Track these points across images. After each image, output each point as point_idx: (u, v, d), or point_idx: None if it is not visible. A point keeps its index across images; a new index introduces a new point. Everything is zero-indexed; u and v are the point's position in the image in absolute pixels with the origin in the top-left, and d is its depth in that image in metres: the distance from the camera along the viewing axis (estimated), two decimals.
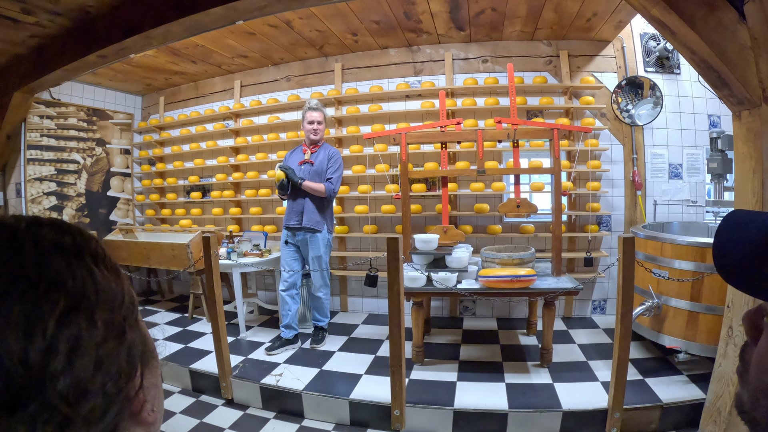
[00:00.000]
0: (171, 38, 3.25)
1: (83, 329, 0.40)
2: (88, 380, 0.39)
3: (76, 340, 0.39)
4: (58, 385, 0.36)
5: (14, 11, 3.23)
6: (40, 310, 0.37)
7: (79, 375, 0.38)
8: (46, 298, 0.38)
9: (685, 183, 4.29)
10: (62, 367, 0.37)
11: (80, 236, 0.46)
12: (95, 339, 0.41)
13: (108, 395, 0.41)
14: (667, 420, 2.75)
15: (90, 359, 0.39)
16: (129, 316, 0.47)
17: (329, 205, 3.86)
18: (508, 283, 3.10)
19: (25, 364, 0.35)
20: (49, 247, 0.42)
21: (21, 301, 0.37)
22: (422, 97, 4.67)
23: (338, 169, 3.79)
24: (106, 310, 0.43)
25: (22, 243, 0.41)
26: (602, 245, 4.47)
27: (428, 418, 2.84)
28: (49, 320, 0.37)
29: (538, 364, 3.38)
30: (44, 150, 4.99)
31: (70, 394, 0.37)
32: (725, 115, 4.19)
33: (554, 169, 3.47)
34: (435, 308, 4.65)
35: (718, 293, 2.88)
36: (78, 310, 0.40)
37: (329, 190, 3.74)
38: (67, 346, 0.38)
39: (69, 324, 0.39)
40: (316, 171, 3.76)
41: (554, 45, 4.41)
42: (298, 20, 3.95)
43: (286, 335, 3.88)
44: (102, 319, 0.42)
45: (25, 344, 0.36)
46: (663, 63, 4.27)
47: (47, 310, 0.38)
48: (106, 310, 0.43)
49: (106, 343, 0.42)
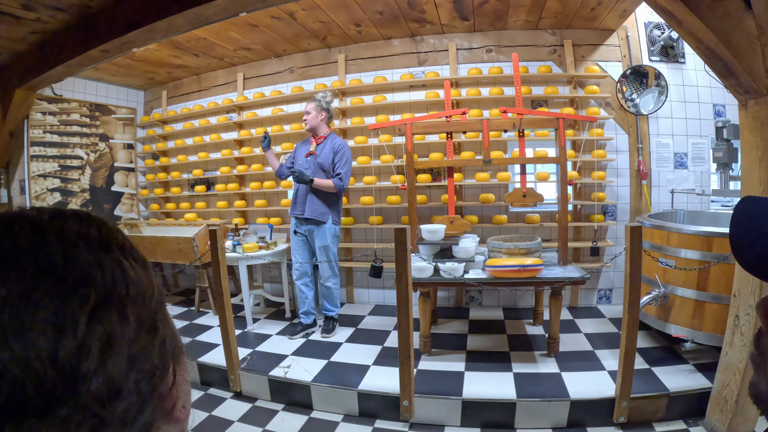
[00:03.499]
0: (174, 31, 3.24)
1: (115, 325, 0.37)
2: (122, 379, 0.37)
3: (108, 338, 0.36)
4: (91, 385, 0.34)
5: (15, 7, 3.21)
6: (69, 307, 0.35)
7: (112, 374, 0.36)
8: (75, 294, 0.36)
9: (690, 172, 4.28)
10: (95, 367, 0.35)
11: (105, 228, 0.44)
12: (128, 335, 0.38)
13: (142, 394, 0.39)
14: (673, 409, 2.76)
15: (123, 357, 0.37)
16: (159, 310, 0.45)
17: (336, 197, 3.86)
18: (515, 273, 3.11)
19: (56, 365, 0.33)
20: (75, 240, 0.39)
21: (49, 298, 0.34)
22: (426, 87, 4.65)
23: (346, 163, 3.78)
24: (137, 304, 0.41)
25: (46, 236, 0.38)
26: (608, 235, 4.47)
27: (437, 408, 2.86)
28: (80, 317, 0.35)
29: (545, 353, 3.40)
30: (47, 146, 4.99)
31: (103, 394, 0.35)
32: (730, 105, 4.17)
33: (560, 158, 3.46)
34: (441, 299, 4.66)
35: (725, 282, 2.88)
36: (109, 305, 0.38)
37: (339, 187, 3.75)
38: (99, 344, 0.36)
39: (100, 320, 0.36)
40: (320, 163, 3.76)
41: (558, 34, 4.39)
42: (302, 11, 3.93)
43: (306, 320, 4.03)
44: (134, 314, 0.40)
45: (56, 343, 0.33)
46: (668, 52, 4.25)
47: (77, 306, 0.35)
48: (138, 305, 0.41)
49: (138, 340, 0.40)
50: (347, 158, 3.80)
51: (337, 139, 3.87)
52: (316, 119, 3.81)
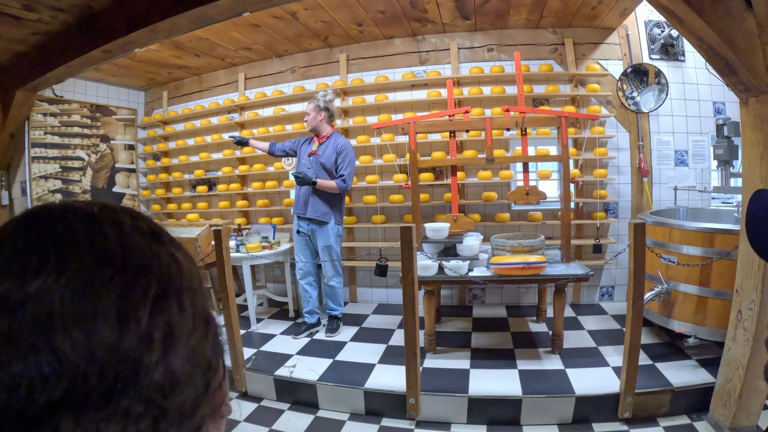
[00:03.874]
0: (177, 31, 3.23)
1: (175, 316, 0.37)
2: (182, 371, 0.37)
3: (169, 328, 0.36)
4: (154, 376, 0.34)
5: (16, 8, 3.20)
6: (131, 297, 0.35)
7: (173, 365, 0.36)
8: (136, 283, 0.35)
9: (691, 170, 4.31)
10: (158, 357, 0.35)
11: (152, 221, 0.43)
12: (186, 326, 0.38)
13: (198, 387, 0.39)
14: (677, 404, 2.79)
15: (183, 348, 0.37)
16: (208, 302, 0.45)
17: (339, 198, 3.87)
18: (520, 270, 3.13)
19: (119, 355, 0.32)
20: (130, 230, 0.39)
21: (111, 287, 0.34)
22: (428, 86, 4.67)
23: (350, 164, 3.78)
24: (191, 295, 0.40)
25: (102, 226, 0.37)
26: (609, 232, 4.50)
27: (443, 406, 2.88)
28: (142, 307, 0.35)
29: (549, 350, 3.42)
30: (48, 147, 4.98)
31: (165, 385, 0.35)
32: (730, 102, 4.20)
33: (563, 156, 3.48)
34: (444, 297, 4.68)
35: (727, 278, 2.89)
36: (168, 295, 0.37)
37: (342, 189, 3.75)
38: (161, 334, 0.35)
39: (161, 310, 0.36)
40: (323, 163, 3.77)
41: (559, 33, 4.41)
42: (304, 11, 3.94)
43: (310, 320, 4.04)
44: (190, 305, 0.40)
45: (119, 333, 0.33)
46: (668, 50, 4.28)
47: (139, 295, 0.35)
48: (192, 296, 0.41)
49: (195, 331, 0.40)
50: (350, 159, 3.80)
51: (341, 138, 3.87)
52: (316, 120, 3.81)
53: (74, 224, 0.36)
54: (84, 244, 0.35)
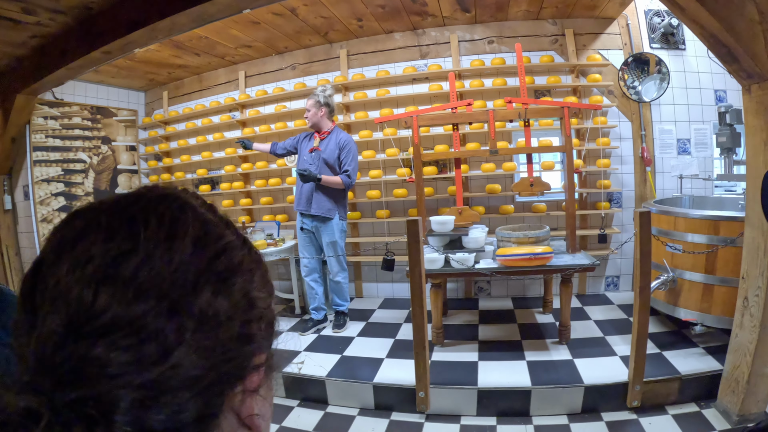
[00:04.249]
0: (177, 30, 3.21)
1: (241, 266, 0.44)
2: (231, 311, 0.41)
3: (232, 269, 0.43)
4: (204, 294, 0.38)
5: (15, 11, 3.19)
6: (217, 232, 0.43)
7: (226, 299, 0.40)
8: (225, 229, 0.45)
9: (694, 158, 4.31)
10: (215, 283, 0.40)
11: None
12: (249, 284, 0.44)
13: (240, 336, 0.41)
14: (685, 391, 2.80)
15: (240, 294, 0.42)
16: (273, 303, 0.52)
17: (343, 193, 3.87)
18: (526, 261, 3.13)
19: (187, 263, 0.38)
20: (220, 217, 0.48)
21: (205, 219, 0.43)
22: (429, 80, 4.66)
23: (353, 160, 3.79)
24: (262, 276, 0.48)
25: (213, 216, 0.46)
26: (614, 222, 4.50)
27: (452, 399, 2.89)
28: (220, 241, 0.43)
29: (556, 341, 3.43)
30: (50, 151, 4.98)
31: (210, 308, 0.39)
32: (731, 90, 4.19)
33: (566, 147, 3.48)
34: (450, 290, 4.69)
35: (732, 265, 2.90)
36: (242, 252, 0.45)
37: (347, 184, 3.77)
38: (224, 268, 0.42)
39: (231, 254, 0.44)
40: (326, 159, 3.77)
41: (560, 24, 4.40)
42: (303, 7, 3.92)
43: (317, 316, 4.05)
44: (259, 279, 0.47)
45: (196, 245, 0.40)
46: (668, 39, 4.26)
47: (221, 234, 0.44)
48: (262, 277, 0.48)
49: (256, 295, 0.45)
50: (354, 154, 3.80)
51: (342, 133, 3.87)
52: (316, 116, 3.81)
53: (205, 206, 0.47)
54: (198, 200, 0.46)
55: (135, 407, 0.32)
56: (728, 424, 2.54)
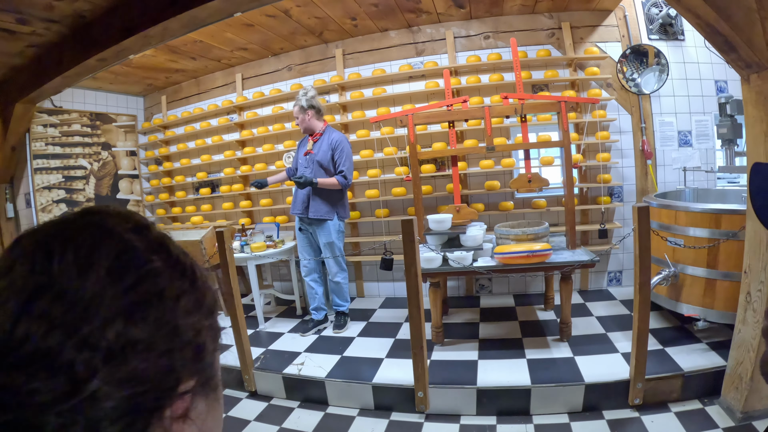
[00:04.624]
0: (169, 35, 3.22)
1: (167, 294, 0.43)
2: (149, 339, 0.40)
3: (153, 297, 0.42)
4: (116, 324, 0.38)
5: (10, 22, 3.20)
6: (140, 258, 0.43)
7: (143, 328, 0.39)
8: (150, 255, 0.44)
9: (695, 150, 4.24)
10: (129, 310, 0.40)
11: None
12: (173, 311, 0.43)
13: (159, 366, 0.40)
14: (688, 388, 2.75)
15: (161, 322, 0.41)
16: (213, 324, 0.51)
17: (341, 193, 3.86)
18: (524, 259, 3.10)
19: (101, 289, 0.39)
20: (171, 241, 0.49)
21: (130, 242, 0.43)
22: (426, 77, 4.63)
23: (347, 158, 3.78)
24: (194, 298, 0.46)
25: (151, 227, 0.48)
26: (615, 216, 4.46)
27: (452, 398, 2.87)
28: (141, 267, 0.42)
29: (557, 338, 3.40)
30: (50, 158, 5.01)
31: (122, 336, 0.38)
32: (732, 80, 4.12)
33: (564, 141, 3.44)
34: (451, 288, 4.67)
35: (735, 259, 2.85)
36: (170, 278, 0.45)
37: (343, 185, 3.76)
38: (143, 296, 0.41)
39: (155, 281, 0.43)
40: (320, 161, 3.77)
41: (556, 17, 4.34)
42: (296, 8, 3.91)
43: (317, 317, 4.06)
44: (188, 302, 0.45)
45: (110, 274, 0.40)
46: (666, 30, 4.20)
47: (145, 259, 0.43)
48: (194, 300, 0.46)
49: (183, 322, 0.44)
50: (347, 153, 3.78)
51: (334, 133, 3.86)
52: (305, 120, 3.82)
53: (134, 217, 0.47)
54: (129, 219, 0.46)
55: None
56: (732, 421, 2.50)
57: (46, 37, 3.54)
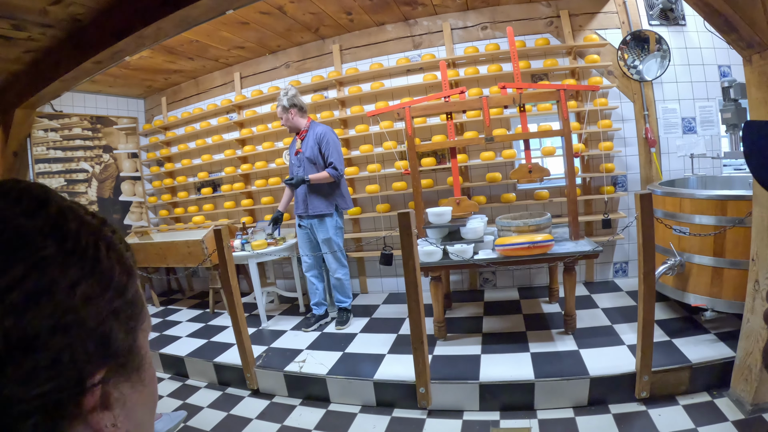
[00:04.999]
0: (163, 35, 3.20)
1: (61, 283, 0.38)
2: (46, 336, 0.36)
3: (44, 288, 0.37)
4: (5, 321, 0.34)
5: (5, 29, 3.20)
6: (27, 243, 0.38)
7: (35, 323, 0.36)
8: (43, 240, 0.39)
9: (700, 137, 4.16)
10: (18, 305, 0.35)
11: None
12: (71, 299, 0.38)
13: (56, 362, 0.37)
14: (697, 380, 2.69)
15: (56, 314, 0.37)
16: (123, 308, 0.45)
17: (336, 186, 3.84)
18: (525, 250, 3.05)
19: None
20: (68, 208, 0.44)
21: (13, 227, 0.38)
22: (424, 70, 4.58)
23: (334, 149, 3.76)
24: (97, 282, 0.41)
25: (33, 191, 0.42)
26: (619, 206, 4.38)
27: (454, 393, 2.83)
28: (29, 257, 0.37)
29: (562, 331, 3.34)
30: (52, 162, 5.02)
31: (12, 335, 0.35)
32: (736, 65, 4.01)
33: (564, 130, 3.38)
34: (455, 282, 4.63)
35: (742, 247, 2.78)
36: (64, 265, 0.39)
37: (335, 176, 3.73)
38: (33, 287, 0.36)
39: (45, 271, 0.37)
40: (308, 158, 3.76)
41: (554, 5, 4.27)
42: (290, 4, 3.87)
43: (318, 311, 4.07)
44: (88, 288, 0.40)
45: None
46: (667, 15, 4.11)
47: (35, 246, 0.38)
48: (97, 284, 0.41)
49: (83, 311, 0.39)
50: (333, 143, 3.76)
51: (318, 126, 3.84)
52: (289, 120, 3.81)
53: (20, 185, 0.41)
54: (15, 197, 0.40)
55: None
56: (742, 414, 2.43)
57: (42, 42, 3.53)
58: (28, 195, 0.41)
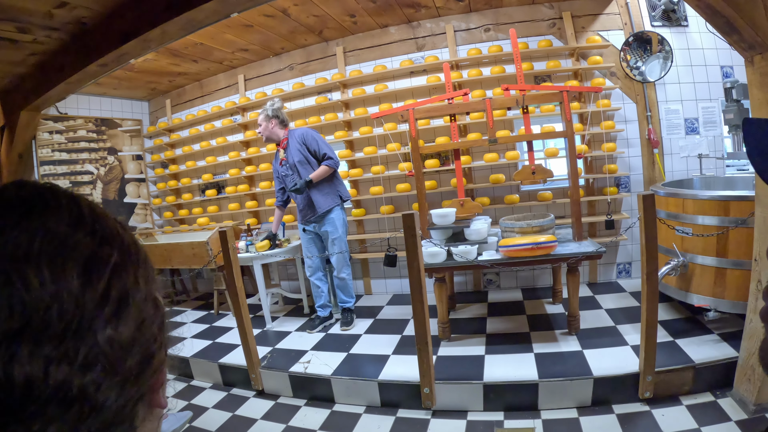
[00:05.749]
0: (168, 38, 3.21)
1: (131, 284, 0.41)
2: (133, 334, 0.40)
3: (125, 293, 0.40)
4: (107, 331, 0.37)
5: (10, 31, 3.22)
6: (98, 257, 0.39)
7: (127, 326, 0.39)
8: (102, 248, 0.40)
9: (703, 137, 4.16)
10: (111, 314, 0.38)
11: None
12: (140, 296, 0.42)
13: (143, 355, 0.41)
14: (700, 381, 2.70)
15: (136, 313, 0.41)
16: (156, 287, 0.48)
17: (333, 179, 3.89)
18: (528, 251, 3.06)
19: (80, 304, 0.35)
20: (101, 211, 0.44)
21: (82, 245, 0.38)
22: (427, 72, 4.61)
23: (323, 143, 3.85)
24: (145, 273, 0.45)
25: (79, 201, 0.42)
26: (623, 207, 4.39)
27: (458, 394, 2.85)
28: (105, 267, 0.39)
29: (565, 332, 3.35)
30: (57, 164, 5.06)
31: (115, 343, 0.37)
32: (738, 65, 4.02)
33: (567, 132, 3.39)
34: (459, 283, 4.64)
35: (745, 247, 2.79)
36: (127, 266, 0.42)
37: (333, 165, 3.81)
38: (118, 295, 0.39)
39: (120, 276, 0.40)
40: (298, 161, 3.81)
41: (556, 7, 4.29)
42: (294, 7, 3.90)
43: (323, 313, 4.11)
44: (143, 281, 0.44)
45: (83, 284, 0.36)
46: (669, 16, 4.12)
47: (104, 257, 0.39)
48: (145, 274, 0.45)
49: (146, 303, 0.43)
50: (318, 138, 3.85)
51: (296, 130, 3.91)
52: (268, 128, 3.85)
53: (58, 194, 0.41)
54: (64, 209, 0.40)
55: None
56: (745, 413, 2.44)
57: (47, 45, 3.55)
58: (86, 211, 0.43)
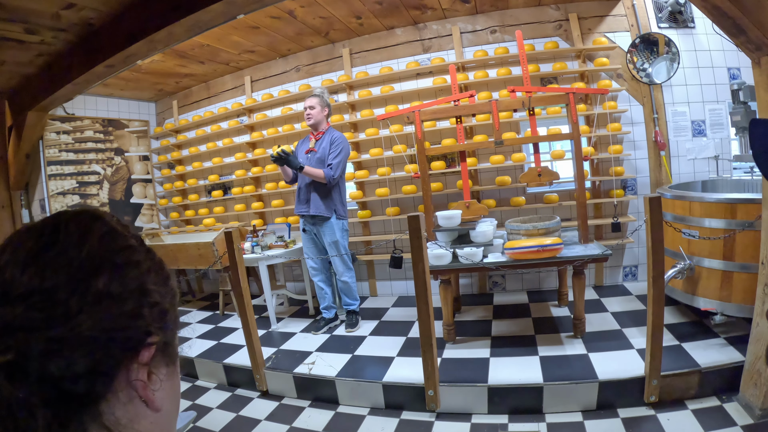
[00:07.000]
0: (174, 40, 3.24)
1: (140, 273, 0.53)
2: (112, 302, 0.48)
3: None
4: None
5: (18, 32, 3.25)
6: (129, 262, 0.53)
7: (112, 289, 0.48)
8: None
9: (710, 140, 4.14)
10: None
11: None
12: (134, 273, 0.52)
13: (116, 324, 0.48)
14: (706, 385, 2.68)
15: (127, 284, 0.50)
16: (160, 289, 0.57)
17: (336, 190, 3.84)
18: (534, 254, 3.05)
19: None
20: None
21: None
22: (433, 74, 4.60)
23: (339, 154, 3.73)
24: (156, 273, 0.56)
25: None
26: (629, 210, 4.37)
27: (463, 396, 2.84)
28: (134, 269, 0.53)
29: (571, 335, 3.34)
30: (64, 164, 5.09)
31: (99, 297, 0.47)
32: (745, 67, 3.99)
33: (573, 134, 3.38)
34: (464, 286, 4.63)
35: (752, 250, 2.76)
36: (141, 264, 0.54)
37: (328, 176, 3.69)
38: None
39: (134, 270, 0.53)
40: (320, 158, 3.77)
41: (563, 8, 4.27)
42: (300, 9, 3.91)
43: (328, 315, 4.11)
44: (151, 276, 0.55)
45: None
46: (676, 17, 4.10)
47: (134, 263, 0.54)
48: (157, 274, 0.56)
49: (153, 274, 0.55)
50: (342, 149, 3.75)
51: (336, 133, 3.86)
52: (321, 114, 3.82)
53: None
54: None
55: (42, 356, 0.42)
56: (751, 418, 2.42)
57: (55, 46, 3.59)
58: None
